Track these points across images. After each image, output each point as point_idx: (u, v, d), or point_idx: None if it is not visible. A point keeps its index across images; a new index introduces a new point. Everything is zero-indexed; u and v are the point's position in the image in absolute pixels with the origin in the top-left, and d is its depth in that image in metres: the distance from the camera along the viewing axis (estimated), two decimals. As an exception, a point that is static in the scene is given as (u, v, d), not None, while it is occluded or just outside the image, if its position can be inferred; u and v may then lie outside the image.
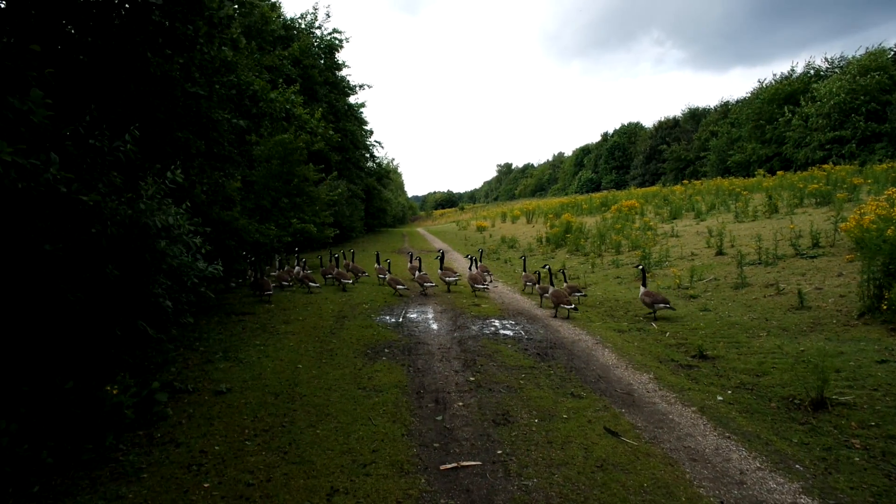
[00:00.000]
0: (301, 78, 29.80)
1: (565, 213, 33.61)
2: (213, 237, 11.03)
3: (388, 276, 15.34)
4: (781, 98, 51.23)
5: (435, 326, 10.35)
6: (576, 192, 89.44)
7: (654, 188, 47.34)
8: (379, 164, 55.11)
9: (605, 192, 50.12)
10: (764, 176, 33.94)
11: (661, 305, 10.12)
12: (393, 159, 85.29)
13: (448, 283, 14.39)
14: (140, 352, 6.57)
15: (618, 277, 14.64)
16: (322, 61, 36.51)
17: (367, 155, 48.93)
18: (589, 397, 6.39)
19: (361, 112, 44.50)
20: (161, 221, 5.26)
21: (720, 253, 14.36)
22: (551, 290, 11.20)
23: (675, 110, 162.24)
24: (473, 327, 10.17)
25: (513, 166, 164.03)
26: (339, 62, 38.45)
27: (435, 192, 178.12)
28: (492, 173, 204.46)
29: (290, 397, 6.44)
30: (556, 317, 11.00)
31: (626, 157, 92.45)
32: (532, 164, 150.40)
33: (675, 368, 7.37)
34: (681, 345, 8.44)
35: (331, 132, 10.56)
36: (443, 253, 17.35)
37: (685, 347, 8.29)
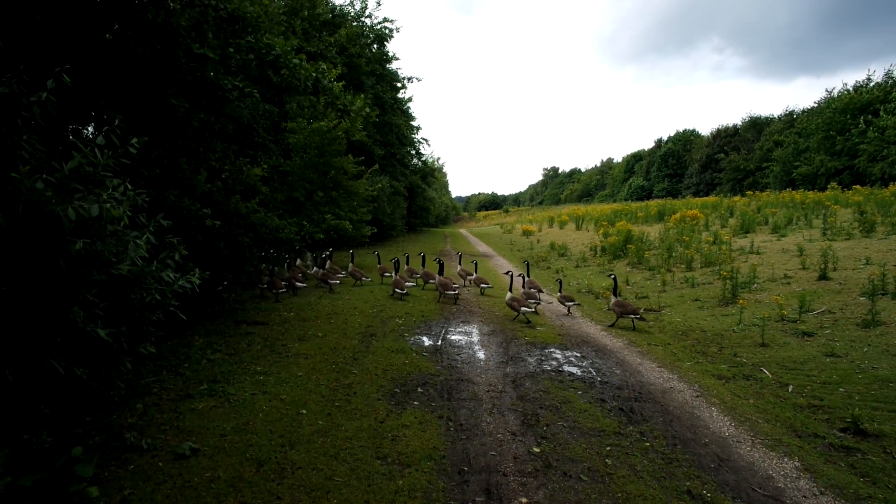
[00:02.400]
0: (346, 67, 28.22)
1: (619, 220, 31.21)
2: (224, 232, 9.31)
3: (394, 276, 14.21)
4: (856, 108, 47.53)
5: (481, 355, 8.35)
6: (625, 200, 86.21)
7: (713, 198, 44.16)
8: (424, 162, 53.41)
9: (660, 200, 47.12)
10: (843, 190, 30.92)
11: (632, 316, 10.40)
12: (438, 158, 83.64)
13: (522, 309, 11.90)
14: (66, 397, 4.75)
15: (697, 300, 12.34)
16: (371, 51, 34.94)
17: (413, 152, 47.27)
18: (715, 500, 4.28)
19: (408, 107, 42.84)
20: (84, 211, 3.44)
21: (824, 277, 11.90)
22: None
23: (734, 119, 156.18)
24: (530, 359, 8.13)
25: (559, 170, 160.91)
26: (389, 54, 36.81)
27: (479, 194, 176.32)
28: (537, 176, 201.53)
29: (280, 469, 4.52)
30: (613, 325, 10.55)
31: (681, 166, 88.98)
32: (579, 169, 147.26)
33: (825, 450, 5.18)
34: (816, 407, 6.21)
35: (367, 110, 8.61)
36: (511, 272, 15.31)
37: (824, 412, 6.06)
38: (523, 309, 10.79)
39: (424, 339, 9.30)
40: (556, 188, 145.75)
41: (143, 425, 5.19)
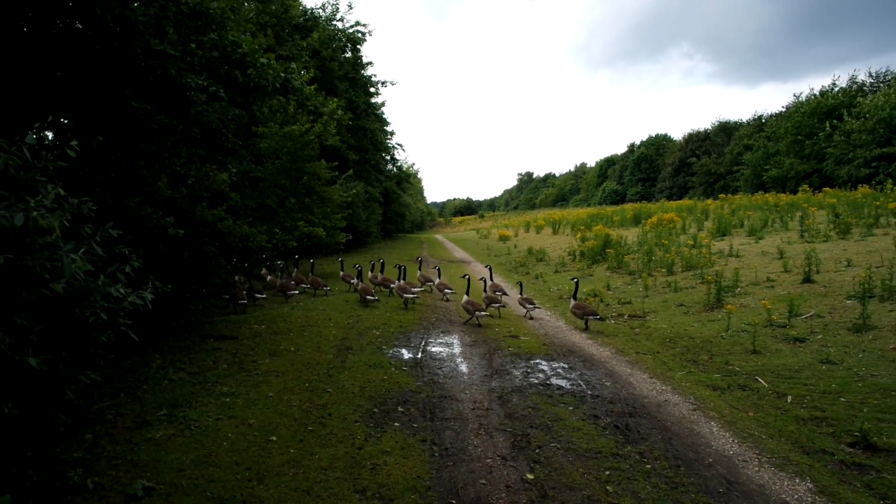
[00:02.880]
0: (319, 71, 27.64)
1: (595, 224, 31.12)
2: (188, 242, 8.73)
3: (359, 285, 13.85)
4: (823, 112, 48.34)
5: (464, 369, 7.91)
6: (599, 204, 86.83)
7: (688, 202, 44.44)
8: (399, 168, 52.89)
9: (636, 204, 47.35)
10: (814, 192, 31.37)
11: (592, 317, 10.62)
12: (413, 164, 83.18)
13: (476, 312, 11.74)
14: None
15: (681, 305, 12.07)
16: (344, 55, 34.38)
17: (388, 157, 46.73)
18: (729, 531, 3.90)
19: (382, 112, 42.35)
20: (5, 221, 2.91)
21: (808, 280, 11.72)
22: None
23: (704, 123, 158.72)
24: (515, 372, 7.71)
25: (534, 175, 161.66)
26: (362, 59, 36.26)
27: (454, 199, 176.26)
28: (512, 182, 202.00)
29: (245, 508, 4.03)
30: (587, 329, 10.69)
31: (653, 170, 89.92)
32: (553, 174, 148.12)
33: (837, 468, 4.84)
34: (819, 419, 5.90)
35: (340, 112, 8.13)
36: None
37: (829, 425, 5.74)
38: (478, 313, 10.89)
39: (404, 351, 8.83)
40: (531, 193, 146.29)
41: (92, 460, 4.63)
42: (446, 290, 14.23)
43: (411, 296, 13.16)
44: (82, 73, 6.52)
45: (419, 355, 8.60)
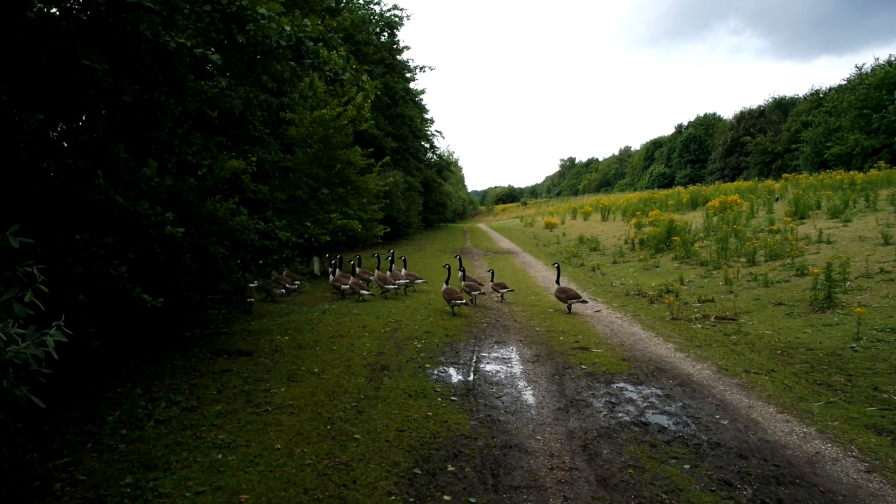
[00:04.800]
0: (353, 55, 26.15)
1: (650, 209, 28.83)
2: (191, 242, 7.27)
3: (350, 281, 12.87)
4: (891, 83, 44.35)
5: (530, 397, 6.21)
6: (646, 188, 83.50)
7: (748, 183, 41.42)
8: (439, 156, 51.23)
9: (693, 187, 44.44)
10: (891, 168, 28.44)
11: (574, 301, 10.88)
12: (453, 152, 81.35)
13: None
14: None
15: (780, 304, 10.05)
16: (380, 40, 32.83)
17: (427, 145, 45.12)
18: None
19: (421, 99, 40.72)
20: None
21: (938, 271, 9.60)
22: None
23: (755, 101, 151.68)
24: (596, 403, 5.97)
25: (576, 160, 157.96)
26: (399, 43, 34.62)
27: (495, 187, 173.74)
28: (554, 168, 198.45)
29: None
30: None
31: (703, 151, 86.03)
32: (597, 159, 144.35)
33: None
34: None
35: (365, 76, 6.48)
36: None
37: None
38: (453, 301, 10.73)
39: (451, 372, 7.18)
40: (574, 178, 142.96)
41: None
42: (502, 290, 12.50)
43: (392, 287, 12.85)
44: (23, 31, 5.04)
45: (471, 377, 6.94)
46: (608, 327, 9.66)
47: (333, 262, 13.64)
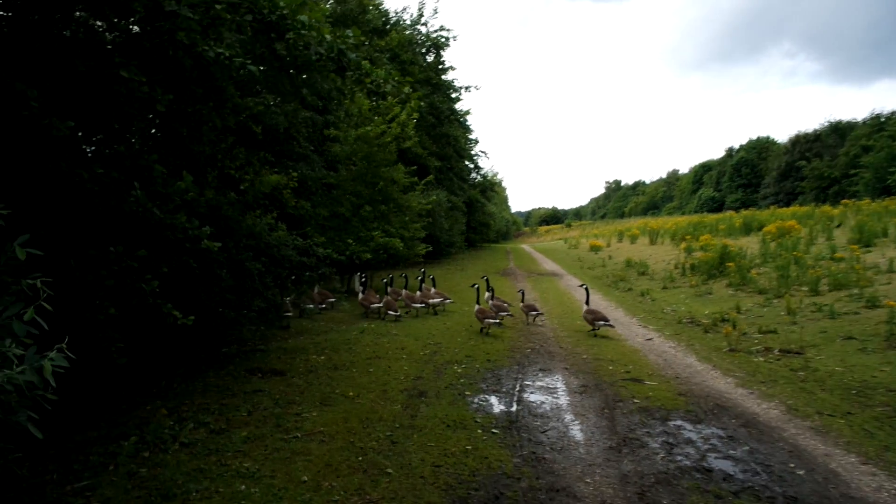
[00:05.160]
0: (398, 74, 26.17)
1: (699, 233, 27.80)
2: (227, 257, 7.09)
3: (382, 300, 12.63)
4: (964, 104, 42.16)
5: (578, 434, 5.71)
6: (695, 212, 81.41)
7: (804, 208, 39.77)
8: (483, 176, 51.02)
9: (745, 211, 42.93)
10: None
11: (602, 323, 10.59)
12: (497, 172, 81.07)
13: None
14: None
15: (850, 338, 9.26)
16: (425, 60, 32.99)
17: (472, 165, 44.99)
18: None
19: (465, 119, 40.63)
20: None
21: None
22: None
23: (810, 125, 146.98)
24: (651, 443, 5.44)
25: (622, 183, 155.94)
26: (444, 63, 34.68)
27: (539, 208, 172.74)
28: (599, 190, 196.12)
29: None
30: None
31: (755, 175, 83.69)
32: (643, 182, 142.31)
33: None
34: None
35: (408, 88, 6.22)
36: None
37: None
38: (487, 321, 10.60)
39: (493, 401, 6.74)
40: (620, 201, 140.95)
41: None
42: (532, 313, 12.02)
43: (419, 306, 12.94)
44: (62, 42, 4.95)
45: (514, 407, 6.48)
46: (661, 357, 9.06)
47: (364, 279, 13.43)
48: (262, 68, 6.02)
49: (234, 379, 7.23)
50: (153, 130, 6.74)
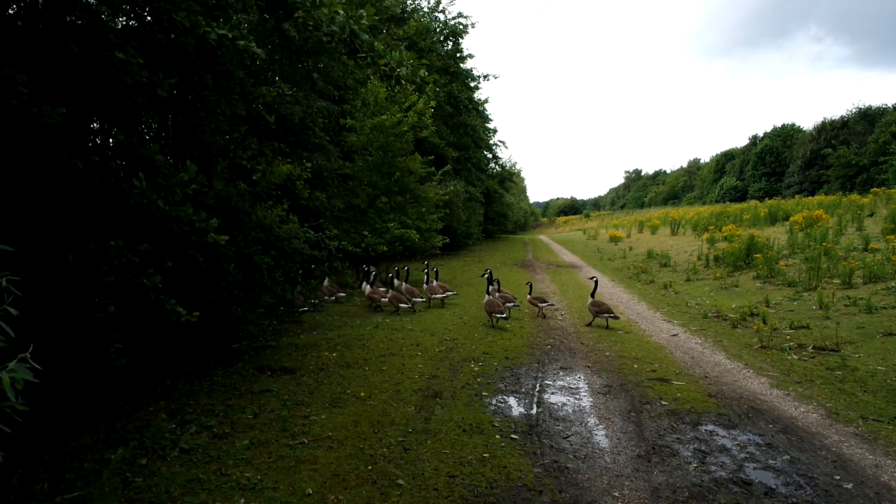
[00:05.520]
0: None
1: (723, 223, 27.13)
2: (235, 251, 6.81)
3: (389, 294, 12.41)
4: None
5: (603, 440, 5.34)
6: (716, 201, 79.96)
7: (831, 197, 38.75)
8: (502, 166, 50.41)
9: (771, 200, 41.89)
10: None
11: (606, 315, 10.51)
12: (515, 163, 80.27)
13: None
14: None
15: (889, 334, 8.73)
16: (444, 48, 32.50)
17: (490, 156, 44.44)
18: None
19: (484, 109, 40.04)
20: None
21: None
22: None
23: (837, 112, 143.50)
24: (683, 450, 5.06)
25: (642, 172, 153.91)
26: (463, 51, 34.12)
27: (557, 199, 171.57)
28: (618, 180, 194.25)
29: None
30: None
31: (780, 163, 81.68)
32: (664, 171, 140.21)
33: None
34: None
35: (423, 72, 5.80)
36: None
37: None
38: (495, 314, 10.37)
39: (511, 402, 6.39)
40: (640, 191, 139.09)
41: None
42: (541, 304, 11.76)
43: (420, 300, 12.60)
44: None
45: (533, 409, 6.12)
46: (688, 354, 8.63)
47: (373, 273, 13.17)
48: (269, 49, 5.70)
49: (242, 377, 6.97)
50: (157, 118, 6.44)
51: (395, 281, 13.58)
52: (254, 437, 5.10)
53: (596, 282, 11.70)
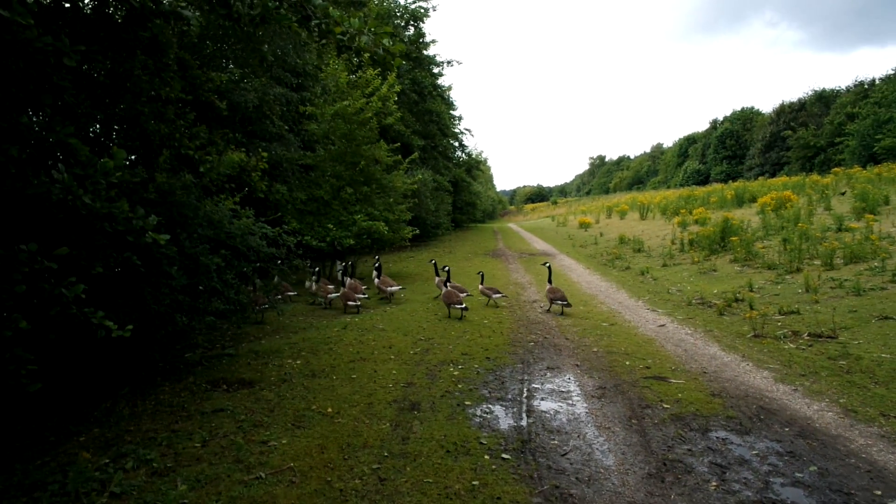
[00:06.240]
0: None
1: (692, 207, 27.06)
2: (181, 250, 5.96)
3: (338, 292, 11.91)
4: (952, 70, 41.89)
5: (607, 456, 4.67)
6: (680, 185, 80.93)
7: (795, 178, 39.10)
8: (468, 154, 49.70)
9: (736, 183, 42.11)
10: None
11: (560, 303, 10.54)
12: (482, 151, 79.62)
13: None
14: None
15: (886, 317, 8.31)
16: (408, 33, 31.61)
17: (456, 143, 43.70)
18: None
19: (449, 96, 39.24)
20: None
21: None
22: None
23: (795, 94, 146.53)
24: (698, 465, 4.44)
25: (606, 158, 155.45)
26: (425, 37, 33.28)
27: (524, 186, 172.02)
28: (583, 166, 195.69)
29: None
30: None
31: (740, 146, 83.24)
32: (628, 157, 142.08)
33: None
34: None
35: (387, 40, 5.01)
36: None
37: None
38: (452, 305, 10.30)
39: (498, 411, 5.71)
40: (605, 177, 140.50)
41: None
42: (495, 296, 11.38)
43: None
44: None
45: (524, 420, 5.45)
46: (680, 347, 8.08)
47: (317, 269, 12.40)
48: (206, 14, 4.87)
49: (193, 394, 6.14)
50: (97, 106, 5.54)
51: (348, 279, 12.77)
52: (201, 472, 4.31)
53: (549, 267, 11.96)
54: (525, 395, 6.18)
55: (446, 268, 11.95)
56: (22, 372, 4.08)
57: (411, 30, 32.48)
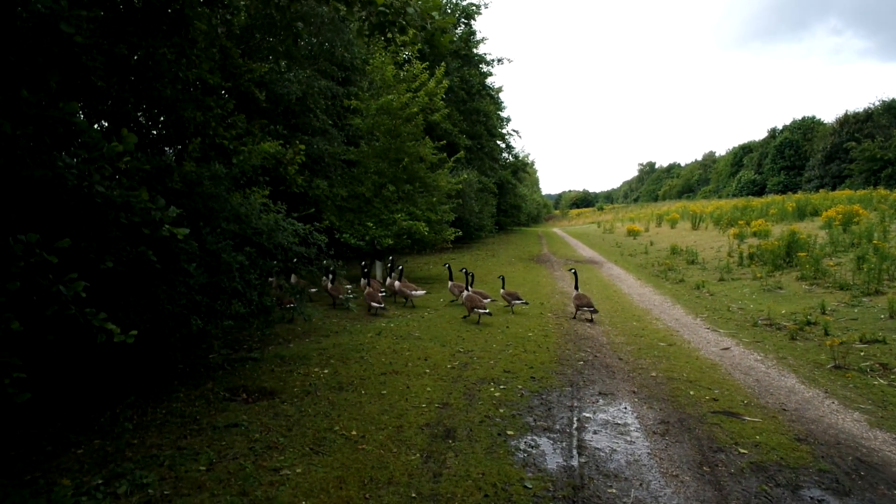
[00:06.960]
0: (427, 45, 24.29)
1: (748, 218, 25.64)
2: (201, 245, 5.43)
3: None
4: None
5: (677, 514, 3.92)
6: (733, 195, 78.03)
7: (861, 192, 36.83)
8: (515, 157, 48.81)
9: (795, 196, 40.04)
10: None
11: (587, 309, 10.39)
12: (528, 153, 78.62)
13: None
14: None
15: None
16: (458, 30, 31.02)
17: (503, 145, 42.90)
18: None
19: (498, 96, 38.45)
20: None
21: None
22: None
23: (859, 104, 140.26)
24: (792, 535, 3.64)
25: (656, 165, 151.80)
26: (476, 34, 32.63)
27: (570, 191, 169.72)
28: (631, 173, 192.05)
29: None
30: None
31: (799, 157, 79.70)
32: (678, 164, 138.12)
33: None
34: None
35: (437, 14, 4.35)
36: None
37: None
38: (475, 309, 9.97)
39: (544, 444, 4.97)
40: (654, 184, 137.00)
41: None
42: (515, 302, 11.33)
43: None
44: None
45: (574, 460, 4.69)
46: (750, 376, 7.16)
47: (332, 269, 11.80)
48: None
49: (208, 404, 5.61)
50: (128, 87, 5.08)
51: (369, 280, 12.19)
52: (200, 502, 3.72)
53: (575, 273, 11.98)
54: (575, 425, 5.42)
55: (465, 270, 11.36)
56: (6, 381, 3.59)
57: (462, 27, 31.86)
